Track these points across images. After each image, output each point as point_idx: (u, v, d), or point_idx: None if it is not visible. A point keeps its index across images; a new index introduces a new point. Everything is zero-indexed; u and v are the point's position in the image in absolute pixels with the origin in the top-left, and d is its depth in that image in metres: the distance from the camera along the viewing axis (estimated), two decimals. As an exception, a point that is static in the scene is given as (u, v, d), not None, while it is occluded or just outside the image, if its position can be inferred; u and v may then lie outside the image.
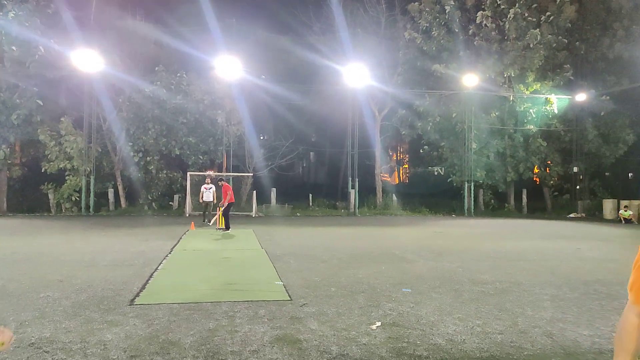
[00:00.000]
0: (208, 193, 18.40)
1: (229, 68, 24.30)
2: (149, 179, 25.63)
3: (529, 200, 29.70)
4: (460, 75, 26.86)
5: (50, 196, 24.51)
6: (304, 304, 5.93)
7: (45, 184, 24.61)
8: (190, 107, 25.27)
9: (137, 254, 9.95)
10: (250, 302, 5.97)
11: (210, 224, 18.01)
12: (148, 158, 25.33)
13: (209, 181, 18.67)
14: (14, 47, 22.39)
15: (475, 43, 27.57)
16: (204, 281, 7.34)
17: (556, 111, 28.12)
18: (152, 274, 7.75)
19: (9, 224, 17.98)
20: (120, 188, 25.71)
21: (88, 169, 24.22)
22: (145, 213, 24.36)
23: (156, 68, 25.48)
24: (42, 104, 23.36)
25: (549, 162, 29.63)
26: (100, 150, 25.09)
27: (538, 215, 27.56)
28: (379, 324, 5.13)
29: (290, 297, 6.32)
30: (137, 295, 6.32)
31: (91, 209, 24.05)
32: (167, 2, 27.39)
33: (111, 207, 25.21)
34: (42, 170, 24.23)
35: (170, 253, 10.26)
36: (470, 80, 26.48)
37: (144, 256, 9.69)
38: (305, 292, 6.60)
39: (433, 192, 30.12)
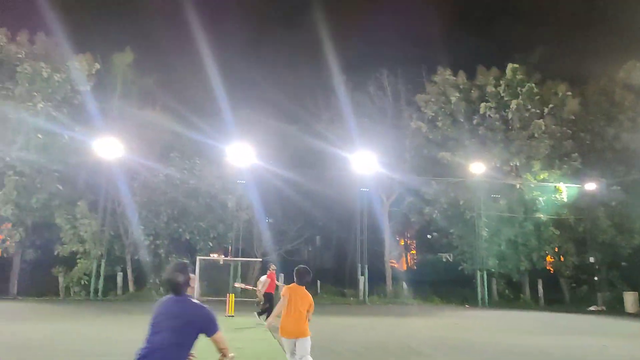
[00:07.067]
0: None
1: (240, 155, 25.16)
2: (157, 263, 25.76)
3: (546, 291, 28.48)
4: (466, 163, 27.25)
5: (60, 279, 24.60)
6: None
7: (56, 267, 24.81)
8: (202, 190, 25.87)
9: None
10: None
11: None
12: (158, 242, 25.63)
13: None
14: (39, 135, 23.70)
15: (480, 132, 28.23)
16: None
17: (566, 200, 27.89)
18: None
19: (20, 308, 18.08)
20: (129, 272, 25.82)
21: (100, 252, 24.49)
22: (153, 298, 24.21)
23: (171, 154, 26.49)
24: (61, 188, 24.25)
25: (564, 251, 28.73)
26: (112, 233, 25.50)
27: (556, 308, 26.39)
28: None
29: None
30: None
31: (100, 293, 24.04)
32: (184, 94, 29.08)
33: (119, 291, 25.19)
34: (55, 254, 24.60)
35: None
36: (477, 168, 26.81)
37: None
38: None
39: (443, 280, 29.44)
